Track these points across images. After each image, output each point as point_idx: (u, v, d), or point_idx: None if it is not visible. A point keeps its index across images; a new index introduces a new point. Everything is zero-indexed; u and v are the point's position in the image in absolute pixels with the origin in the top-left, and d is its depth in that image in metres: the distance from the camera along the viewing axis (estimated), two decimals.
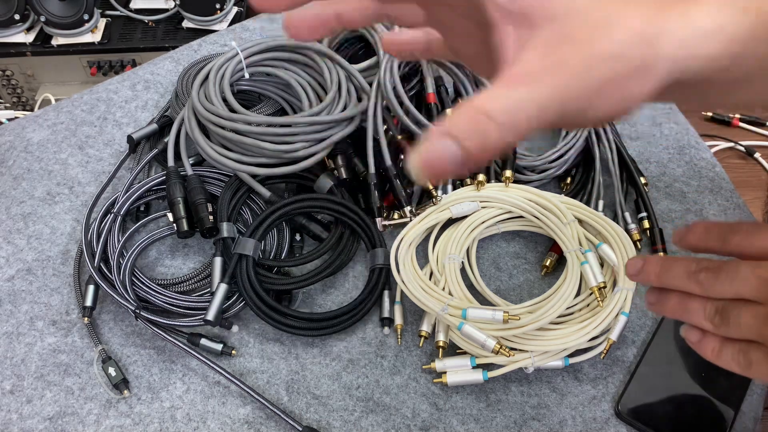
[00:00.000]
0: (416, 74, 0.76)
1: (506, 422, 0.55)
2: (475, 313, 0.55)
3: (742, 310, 0.32)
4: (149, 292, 0.61)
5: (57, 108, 0.82)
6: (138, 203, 0.68)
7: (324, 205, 0.64)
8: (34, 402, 0.57)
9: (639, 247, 0.66)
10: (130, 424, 0.55)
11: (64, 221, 0.70)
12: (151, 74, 0.86)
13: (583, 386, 0.57)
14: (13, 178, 0.74)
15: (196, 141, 0.65)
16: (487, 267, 0.66)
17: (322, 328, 0.59)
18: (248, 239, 0.60)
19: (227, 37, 0.93)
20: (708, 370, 0.57)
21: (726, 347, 0.34)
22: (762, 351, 0.32)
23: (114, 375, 0.57)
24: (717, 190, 0.73)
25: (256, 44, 0.69)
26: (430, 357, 0.59)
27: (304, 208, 0.64)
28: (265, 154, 0.64)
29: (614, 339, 0.56)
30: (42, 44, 1.45)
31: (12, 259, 0.66)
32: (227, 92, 0.66)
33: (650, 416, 0.54)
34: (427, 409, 0.56)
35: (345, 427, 0.55)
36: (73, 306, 0.63)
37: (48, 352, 0.60)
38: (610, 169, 0.71)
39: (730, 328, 0.33)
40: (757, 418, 0.55)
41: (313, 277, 0.61)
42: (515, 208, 0.65)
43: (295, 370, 0.58)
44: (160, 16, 1.50)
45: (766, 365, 0.32)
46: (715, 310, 0.34)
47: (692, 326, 0.36)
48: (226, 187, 0.65)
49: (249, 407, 0.56)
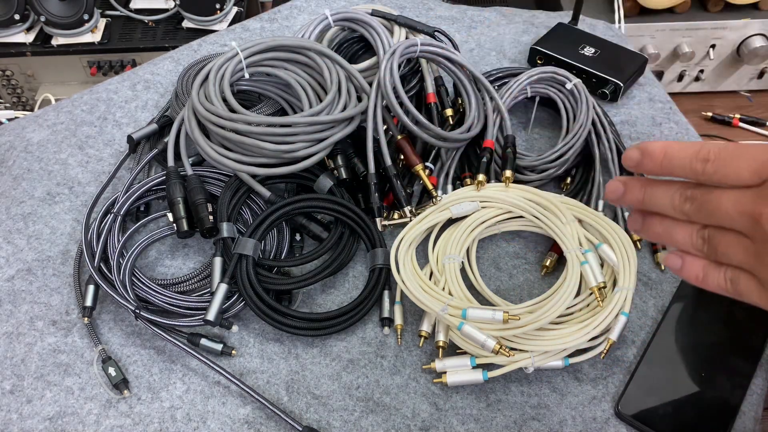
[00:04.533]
0: (416, 74, 0.76)
1: (506, 422, 0.55)
2: (475, 313, 0.55)
3: (731, 243, 0.32)
4: (149, 292, 0.61)
5: (57, 108, 0.82)
6: (138, 203, 0.68)
7: (324, 205, 0.64)
8: (34, 402, 0.57)
9: (639, 247, 0.66)
10: (130, 424, 0.55)
11: (64, 221, 0.70)
12: (151, 74, 0.86)
13: (583, 386, 0.57)
14: (13, 178, 0.74)
15: (196, 141, 0.65)
16: (487, 267, 0.66)
17: (322, 328, 0.59)
18: (248, 239, 0.60)
19: (227, 37, 0.93)
20: (708, 370, 0.57)
21: (711, 272, 0.34)
22: (751, 280, 0.32)
23: (114, 375, 0.57)
24: None
25: (256, 44, 0.69)
26: (430, 357, 0.59)
27: (304, 208, 0.64)
28: (265, 154, 0.64)
29: (614, 339, 0.56)
30: (42, 44, 1.45)
31: (12, 259, 0.66)
32: (227, 92, 0.66)
33: (650, 416, 0.54)
34: (427, 409, 0.56)
35: (345, 427, 0.55)
36: (73, 306, 0.63)
37: (48, 352, 0.60)
38: (610, 169, 0.71)
39: (719, 257, 0.33)
40: (757, 418, 0.55)
41: (313, 277, 0.61)
42: (515, 208, 0.65)
43: (295, 370, 0.58)
44: (160, 16, 1.50)
45: (757, 293, 0.32)
46: (702, 240, 0.33)
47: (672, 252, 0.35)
48: (226, 187, 0.65)
49: (249, 407, 0.56)
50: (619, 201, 0.37)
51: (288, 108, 0.72)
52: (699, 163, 0.32)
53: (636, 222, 0.37)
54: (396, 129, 0.68)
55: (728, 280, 0.33)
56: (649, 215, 0.36)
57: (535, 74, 0.76)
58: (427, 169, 0.68)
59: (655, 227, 0.36)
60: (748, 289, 0.32)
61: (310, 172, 0.66)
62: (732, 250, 0.32)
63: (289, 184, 0.69)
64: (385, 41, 0.75)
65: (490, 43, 0.93)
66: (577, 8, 0.92)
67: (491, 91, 0.73)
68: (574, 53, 0.85)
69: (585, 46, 0.86)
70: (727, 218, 0.32)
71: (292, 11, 0.98)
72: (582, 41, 0.87)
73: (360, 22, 0.78)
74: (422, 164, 0.66)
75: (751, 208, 0.30)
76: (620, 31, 0.96)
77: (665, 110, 0.81)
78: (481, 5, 1.02)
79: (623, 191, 0.36)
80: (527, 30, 0.95)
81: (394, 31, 0.79)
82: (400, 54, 0.70)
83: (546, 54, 0.85)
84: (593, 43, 0.86)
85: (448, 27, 0.95)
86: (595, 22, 0.96)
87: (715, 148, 0.32)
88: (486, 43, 0.93)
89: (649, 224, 0.36)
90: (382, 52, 0.74)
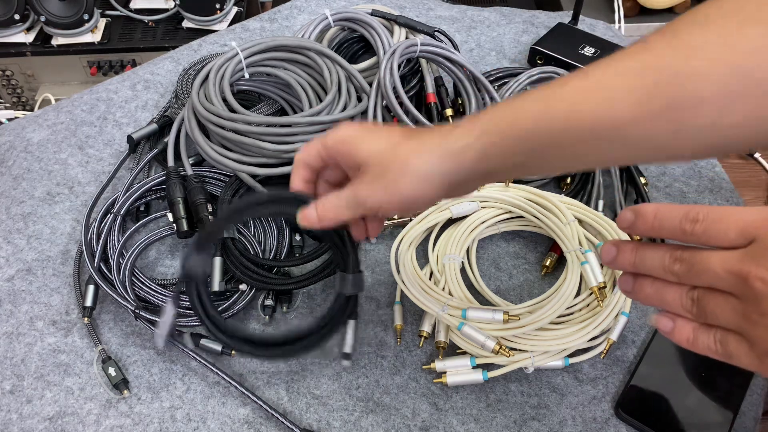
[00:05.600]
0: (416, 74, 0.76)
1: (506, 422, 0.55)
2: (474, 313, 0.55)
3: (719, 304, 0.32)
4: (149, 292, 0.61)
5: (57, 108, 0.82)
6: (138, 203, 0.68)
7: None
8: (34, 402, 0.57)
9: None
10: (130, 424, 0.55)
11: (64, 221, 0.70)
12: (151, 74, 0.86)
13: (583, 386, 0.57)
14: (13, 178, 0.74)
15: (196, 141, 0.65)
16: (487, 267, 0.66)
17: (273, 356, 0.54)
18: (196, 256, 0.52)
19: (227, 37, 0.93)
20: (708, 370, 0.57)
21: (701, 335, 0.34)
22: (741, 341, 0.32)
23: (114, 375, 0.57)
24: (717, 190, 0.73)
25: (256, 44, 0.69)
26: (430, 357, 0.59)
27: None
28: (265, 154, 0.64)
29: (614, 339, 0.56)
30: (42, 44, 1.45)
31: (12, 259, 0.66)
32: (227, 92, 0.66)
33: (650, 416, 0.54)
34: (427, 409, 0.56)
35: (345, 427, 0.55)
36: (73, 306, 0.63)
37: (48, 352, 0.60)
38: (610, 169, 0.71)
39: (708, 318, 0.33)
40: (757, 418, 0.55)
41: (313, 277, 0.61)
42: (515, 208, 0.65)
43: (295, 371, 0.58)
44: (160, 16, 1.50)
45: (746, 355, 0.32)
46: (691, 301, 0.34)
47: (662, 314, 0.35)
48: (226, 187, 0.65)
49: (249, 407, 0.56)
50: (613, 264, 0.37)
51: (288, 108, 0.72)
52: (688, 224, 0.33)
53: (627, 283, 0.37)
54: None
55: (718, 342, 0.33)
56: (641, 277, 0.36)
57: (535, 74, 0.76)
58: None
59: (645, 289, 0.36)
60: (737, 351, 0.32)
61: None
62: (720, 310, 0.32)
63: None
64: (385, 41, 0.75)
65: (490, 43, 0.93)
66: (577, 8, 0.92)
67: (491, 91, 0.73)
68: (574, 53, 0.85)
69: (585, 46, 0.86)
70: (716, 278, 0.32)
71: (292, 11, 0.98)
72: (582, 41, 0.87)
73: (360, 22, 0.78)
74: None
75: (738, 267, 0.31)
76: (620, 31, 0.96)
77: None
78: (481, 5, 1.02)
79: (616, 254, 0.37)
80: (527, 30, 0.95)
81: (394, 31, 0.79)
82: (400, 54, 0.70)
83: (546, 54, 0.85)
84: (593, 43, 0.86)
85: (448, 27, 0.95)
86: (594, 22, 0.96)
87: (704, 210, 0.33)
88: (486, 43, 0.93)
89: (640, 286, 0.36)
90: (382, 52, 0.74)
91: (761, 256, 0.30)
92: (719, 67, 0.34)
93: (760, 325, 0.30)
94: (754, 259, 0.30)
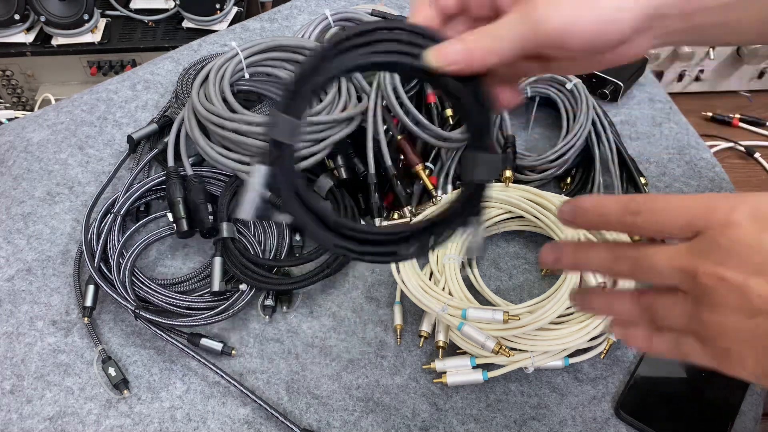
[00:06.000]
0: None
1: (506, 422, 0.55)
2: (474, 313, 0.55)
3: (668, 307, 0.31)
4: (149, 292, 0.61)
5: (57, 108, 0.82)
6: (138, 203, 0.68)
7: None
8: (34, 402, 0.57)
9: None
10: (130, 424, 0.55)
11: (64, 221, 0.70)
12: (151, 74, 0.86)
13: (583, 386, 0.57)
14: (13, 178, 0.74)
15: (196, 141, 0.65)
16: (487, 267, 0.66)
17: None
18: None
19: (227, 37, 0.93)
20: (708, 370, 0.56)
21: (656, 339, 0.33)
22: (695, 341, 0.31)
23: (114, 375, 0.57)
24: (717, 191, 0.73)
25: (256, 44, 0.69)
26: (430, 357, 0.59)
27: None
28: None
29: (614, 339, 0.56)
30: (42, 44, 1.45)
31: (12, 259, 0.66)
32: (227, 92, 0.66)
33: (650, 416, 0.54)
34: (427, 409, 0.56)
35: (345, 427, 0.55)
36: (73, 306, 0.63)
37: (48, 352, 0.60)
38: (610, 169, 0.71)
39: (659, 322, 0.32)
40: (757, 418, 0.55)
41: (313, 277, 0.61)
42: (515, 208, 0.65)
43: (295, 370, 0.58)
44: (160, 16, 1.50)
45: (700, 353, 0.31)
46: (641, 309, 0.33)
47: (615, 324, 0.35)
48: (226, 187, 0.65)
49: (249, 407, 0.56)
50: (554, 265, 0.36)
51: None
52: (629, 216, 0.31)
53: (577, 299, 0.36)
54: (396, 129, 0.68)
55: (671, 343, 0.32)
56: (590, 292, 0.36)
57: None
58: (427, 169, 0.68)
59: (594, 302, 0.35)
60: (692, 351, 0.31)
61: (310, 172, 0.66)
62: (670, 314, 0.31)
63: None
64: None
65: None
66: None
67: None
68: None
69: None
70: (662, 275, 0.30)
71: (292, 11, 0.98)
72: None
73: (360, 22, 0.78)
74: (422, 164, 0.66)
75: (685, 263, 0.29)
76: None
77: (665, 110, 0.81)
78: None
79: (555, 256, 0.35)
80: None
81: None
82: None
83: None
84: None
85: None
86: None
87: (642, 199, 0.31)
88: None
89: (590, 300, 0.36)
90: None
91: (708, 250, 0.29)
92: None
93: (710, 323, 0.29)
94: (702, 253, 0.29)
